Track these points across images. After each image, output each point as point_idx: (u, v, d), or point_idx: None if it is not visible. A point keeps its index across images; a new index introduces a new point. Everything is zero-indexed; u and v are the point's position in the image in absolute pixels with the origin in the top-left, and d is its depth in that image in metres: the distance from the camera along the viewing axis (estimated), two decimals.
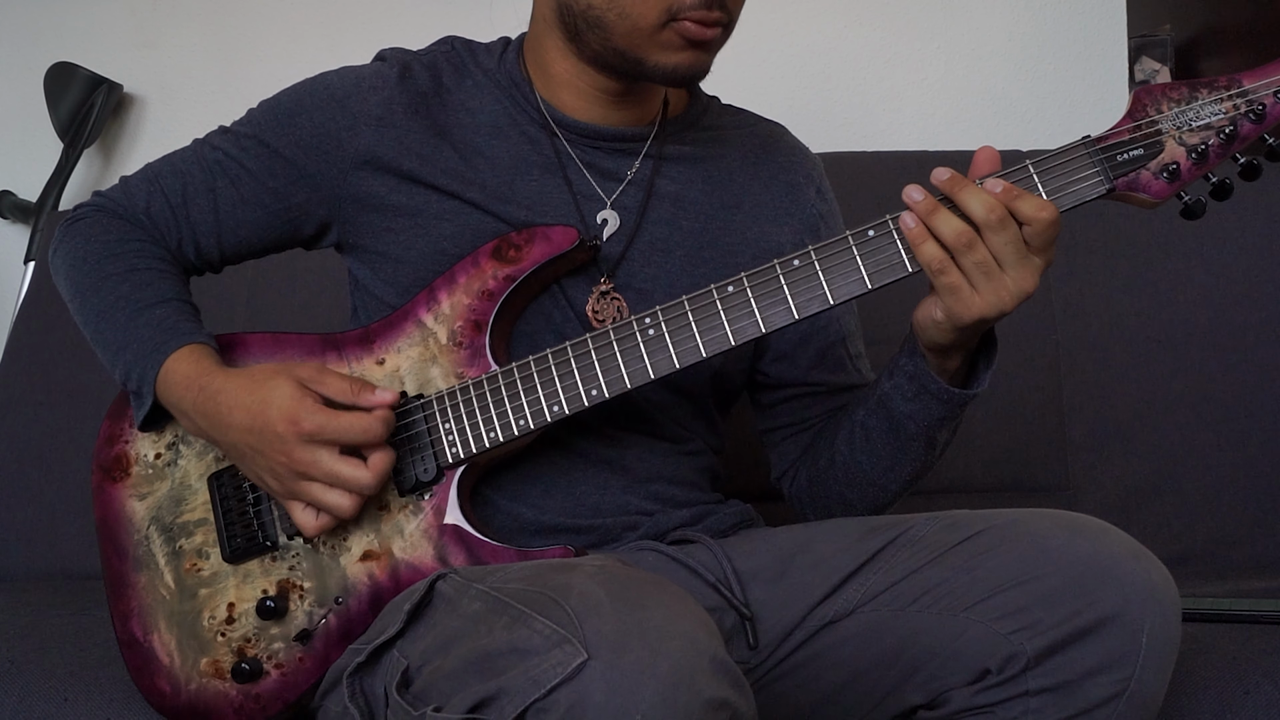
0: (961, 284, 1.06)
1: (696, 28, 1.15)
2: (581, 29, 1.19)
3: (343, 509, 1.14)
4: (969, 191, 1.05)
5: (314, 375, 1.16)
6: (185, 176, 1.30)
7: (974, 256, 1.05)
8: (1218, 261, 1.84)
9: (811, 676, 1.14)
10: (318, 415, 1.12)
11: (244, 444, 1.15)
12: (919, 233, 1.06)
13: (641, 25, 1.15)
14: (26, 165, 2.34)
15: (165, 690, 1.22)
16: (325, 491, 1.13)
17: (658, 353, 1.13)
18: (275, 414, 1.12)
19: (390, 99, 1.26)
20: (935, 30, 2.19)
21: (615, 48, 1.18)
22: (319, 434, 1.12)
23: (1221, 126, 1.05)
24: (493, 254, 1.21)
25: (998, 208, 1.04)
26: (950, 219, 1.05)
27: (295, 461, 1.12)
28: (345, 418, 1.12)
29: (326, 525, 1.16)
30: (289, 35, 2.31)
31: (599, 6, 1.16)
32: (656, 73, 1.19)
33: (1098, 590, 1.00)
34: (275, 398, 1.13)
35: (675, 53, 1.17)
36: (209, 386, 1.17)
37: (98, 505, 1.27)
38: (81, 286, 1.28)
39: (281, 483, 1.15)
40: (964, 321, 1.07)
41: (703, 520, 1.28)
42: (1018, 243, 1.05)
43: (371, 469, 1.13)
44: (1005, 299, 1.06)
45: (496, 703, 0.90)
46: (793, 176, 1.34)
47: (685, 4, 1.14)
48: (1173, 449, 1.78)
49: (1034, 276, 1.06)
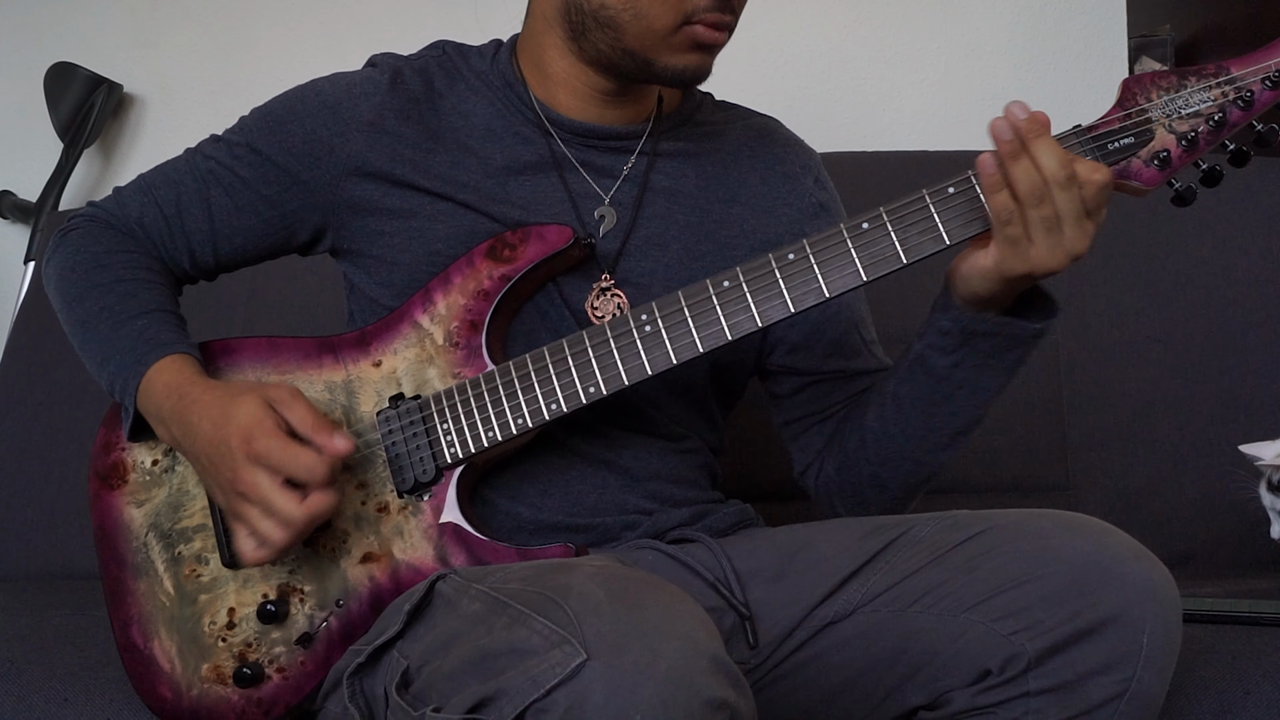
0: (1022, 236, 1.06)
1: (708, 31, 1.17)
2: (590, 28, 1.20)
3: (272, 539, 1.11)
4: (1045, 143, 1.05)
5: (284, 399, 1.14)
6: (178, 186, 1.30)
7: (1042, 211, 1.05)
8: (1218, 261, 1.84)
9: (812, 677, 1.14)
10: (269, 439, 1.11)
11: (203, 455, 1.15)
12: (995, 180, 1.06)
13: (656, 27, 1.17)
14: (26, 165, 2.35)
15: (167, 696, 1.21)
16: (259, 518, 1.11)
17: (655, 349, 1.13)
18: (233, 428, 1.12)
19: (382, 104, 1.26)
20: (935, 30, 2.19)
21: (626, 48, 1.19)
22: (264, 457, 1.10)
23: (1211, 114, 1.06)
24: (487, 254, 1.21)
25: (1069, 164, 1.05)
26: (1030, 169, 1.05)
27: (238, 479, 1.11)
28: (293, 449, 1.10)
29: (264, 558, 1.13)
30: (289, 35, 2.31)
31: (613, 7, 1.17)
32: (664, 74, 1.20)
33: (1099, 591, 1.00)
34: (239, 413, 1.12)
35: (684, 55, 1.18)
36: (186, 395, 1.17)
37: (95, 513, 1.27)
38: (69, 297, 1.28)
39: (226, 499, 1.14)
40: (1014, 273, 1.08)
41: (702, 519, 1.28)
42: (1079, 203, 1.05)
43: (305, 506, 1.10)
44: (1060, 256, 1.07)
45: (496, 703, 0.90)
46: (789, 167, 1.35)
47: (700, 6, 1.16)
48: (1173, 449, 1.78)
49: (1087, 238, 1.07)
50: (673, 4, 1.15)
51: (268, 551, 1.12)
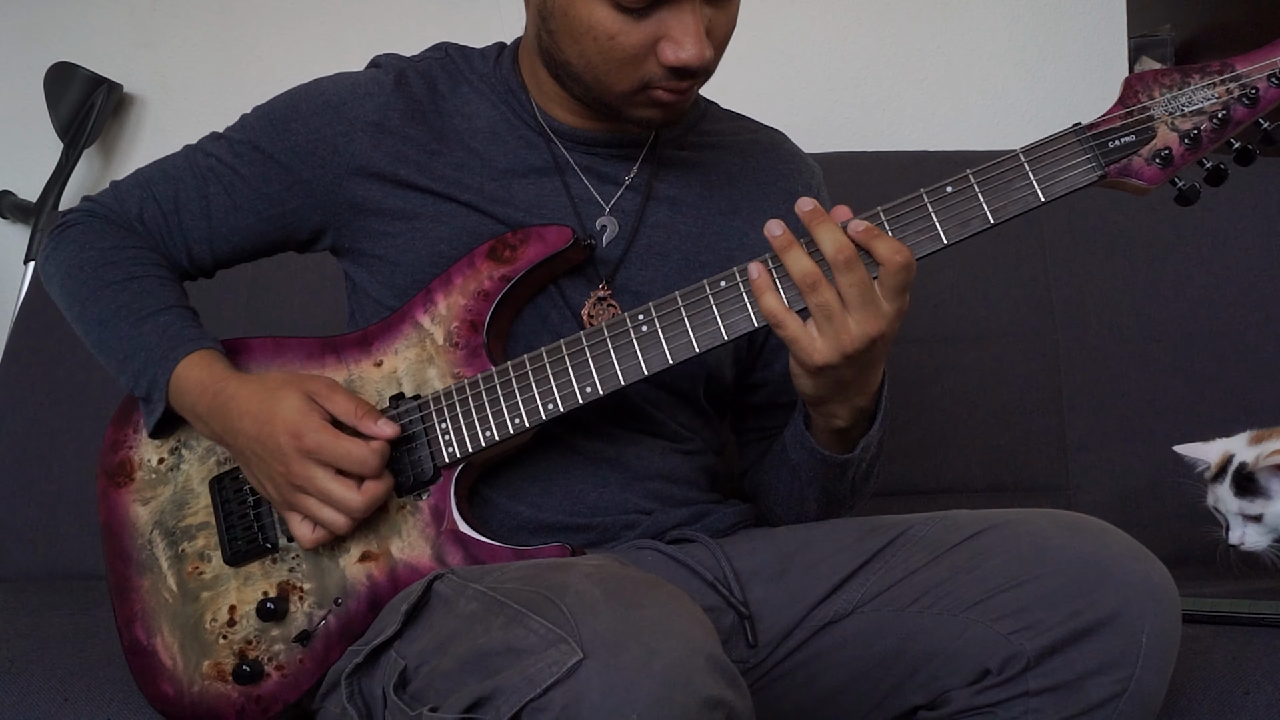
0: (800, 334, 1.06)
1: (668, 95, 1.17)
2: (562, 76, 1.21)
3: (336, 525, 1.15)
4: (825, 228, 1.05)
5: (323, 391, 1.16)
6: (177, 183, 1.30)
7: (816, 299, 1.05)
8: (1218, 261, 1.84)
9: (811, 677, 1.14)
10: (320, 434, 1.13)
11: (249, 451, 1.16)
12: (764, 283, 1.07)
13: (615, 90, 1.17)
14: (26, 165, 2.34)
15: (169, 694, 1.22)
16: (319, 507, 1.14)
17: (651, 349, 1.13)
18: (280, 425, 1.13)
19: (386, 105, 1.26)
20: (935, 30, 2.19)
21: (594, 98, 1.20)
22: (317, 452, 1.13)
23: (1214, 111, 1.04)
24: (488, 255, 1.21)
25: (847, 247, 1.04)
26: (801, 258, 1.05)
27: (292, 474, 1.13)
28: (345, 443, 1.13)
29: (322, 539, 1.17)
30: (289, 35, 2.31)
31: (575, 66, 1.17)
32: (632, 121, 1.21)
33: (1098, 590, 1.00)
34: (282, 409, 1.14)
35: (650, 109, 1.19)
36: (223, 392, 1.18)
37: (102, 510, 1.28)
38: (79, 295, 1.28)
39: (280, 492, 1.16)
40: (811, 367, 1.07)
41: (702, 519, 1.28)
42: (864, 285, 1.04)
43: (363, 493, 1.14)
44: (845, 342, 1.05)
45: (492, 702, 0.90)
46: (791, 184, 1.34)
47: (657, 75, 1.15)
48: (1173, 449, 1.77)
49: (880, 320, 1.05)
50: (628, 73, 1.15)
51: (325, 535, 1.17)
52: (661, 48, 1.12)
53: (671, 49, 1.12)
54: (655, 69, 1.14)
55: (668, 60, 1.12)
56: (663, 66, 1.13)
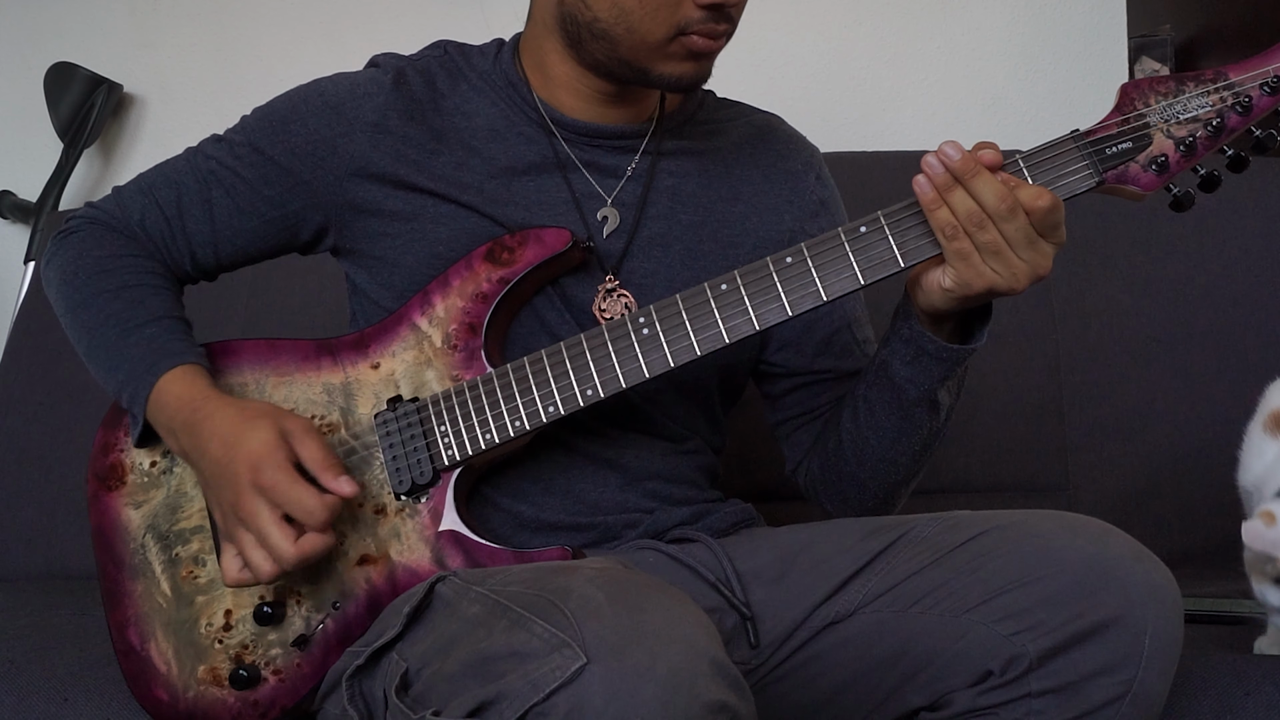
0: (972, 251, 1.07)
1: (703, 41, 1.17)
2: (585, 39, 1.20)
3: (261, 571, 1.12)
4: (981, 179, 1.06)
5: (298, 432, 1.14)
6: (179, 187, 1.29)
7: (984, 237, 1.06)
8: (1218, 261, 1.84)
9: (813, 678, 1.14)
10: (277, 473, 1.11)
11: (209, 473, 1.15)
12: (933, 199, 1.07)
13: (649, 40, 1.16)
14: (26, 165, 2.34)
15: (163, 698, 1.21)
16: (252, 547, 1.12)
17: (652, 352, 1.13)
18: (242, 455, 1.12)
19: (385, 105, 1.26)
20: (935, 30, 2.19)
21: (621, 58, 1.19)
22: (270, 491, 1.11)
23: (1209, 119, 1.06)
24: (486, 256, 1.21)
25: (1008, 197, 1.05)
26: (965, 199, 1.06)
27: (240, 506, 1.12)
28: (299, 488, 1.11)
29: (245, 581, 1.14)
30: (289, 35, 2.31)
31: (605, 20, 1.17)
32: (661, 82, 1.20)
33: (1100, 592, 1.00)
34: (250, 440, 1.12)
35: (680, 63, 1.18)
36: (200, 410, 1.17)
37: (93, 514, 1.27)
38: (73, 302, 1.27)
39: (223, 520, 1.15)
40: (973, 290, 1.08)
41: (702, 519, 1.28)
42: (1027, 229, 1.06)
43: (298, 546, 1.11)
44: (1020, 277, 1.07)
45: (496, 706, 0.90)
46: (791, 164, 1.34)
47: (693, 19, 1.15)
48: (1173, 449, 1.77)
49: (1046, 260, 1.07)
50: (664, 18, 1.15)
51: (250, 578, 1.13)
52: None
53: None
54: (692, 12, 1.15)
55: None
56: (700, 8, 1.14)
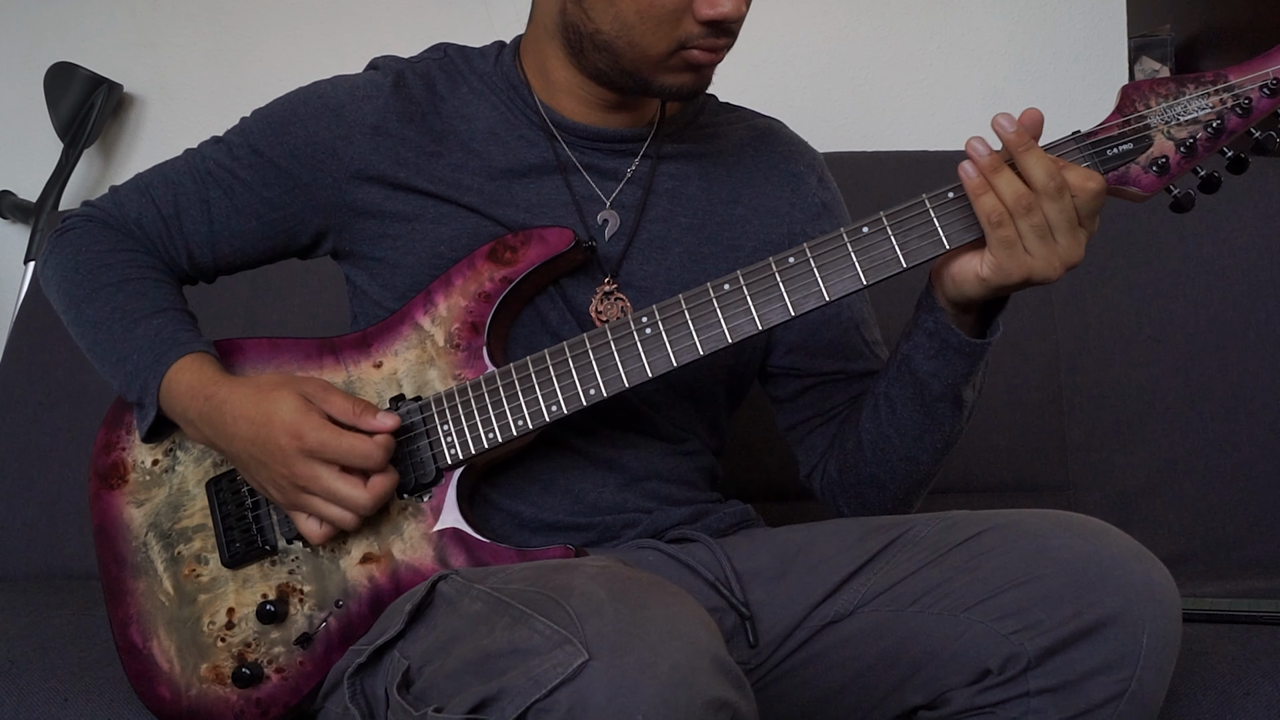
0: (1017, 239, 1.06)
1: (703, 54, 1.17)
2: (587, 49, 1.20)
3: (344, 522, 1.15)
4: (1034, 155, 1.05)
5: (318, 391, 1.16)
6: (177, 187, 1.30)
7: (1031, 220, 1.05)
8: (1218, 261, 1.84)
9: (812, 677, 1.14)
10: (321, 432, 1.13)
11: (247, 454, 1.16)
12: (979, 184, 1.06)
13: (651, 54, 1.17)
14: (26, 165, 2.34)
15: (165, 696, 1.22)
16: (325, 505, 1.14)
17: (655, 352, 1.13)
18: (279, 426, 1.13)
19: (385, 107, 1.26)
20: (935, 30, 2.19)
21: (622, 69, 1.19)
22: (320, 451, 1.12)
23: (1209, 121, 1.07)
24: (489, 256, 1.21)
25: (1058, 175, 1.05)
26: (1013, 180, 1.06)
27: (296, 475, 1.13)
28: (348, 439, 1.13)
29: (330, 534, 1.17)
30: (289, 36, 2.31)
31: (608, 33, 1.17)
32: (662, 92, 1.21)
33: (1099, 591, 1.00)
34: (279, 410, 1.14)
35: (680, 74, 1.19)
36: (214, 396, 1.17)
37: (95, 512, 1.27)
38: (75, 298, 1.27)
39: (284, 494, 1.16)
40: (1012, 279, 1.08)
41: (701, 519, 1.28)
42: (1071, 213, 1.06)
43: (370, 490, 1.14)
44: (1056, 265, 1.07)
45: (497, 703, 0.90)
46: (793, 166, 1.35)
47: (694, 33, 1.16)
48: (1173, 449, 1.78)
49: (1081, 248, 1.08)
50: (666, 32, 1.15)
51: (333, 531, 1.17)
52: (698, 4, 1.14)
53: (708, 4, 1.13)
54: (692, 27, 1.15)
55: (704, 15, 1.14)
56: (700, 23, 1.15)
